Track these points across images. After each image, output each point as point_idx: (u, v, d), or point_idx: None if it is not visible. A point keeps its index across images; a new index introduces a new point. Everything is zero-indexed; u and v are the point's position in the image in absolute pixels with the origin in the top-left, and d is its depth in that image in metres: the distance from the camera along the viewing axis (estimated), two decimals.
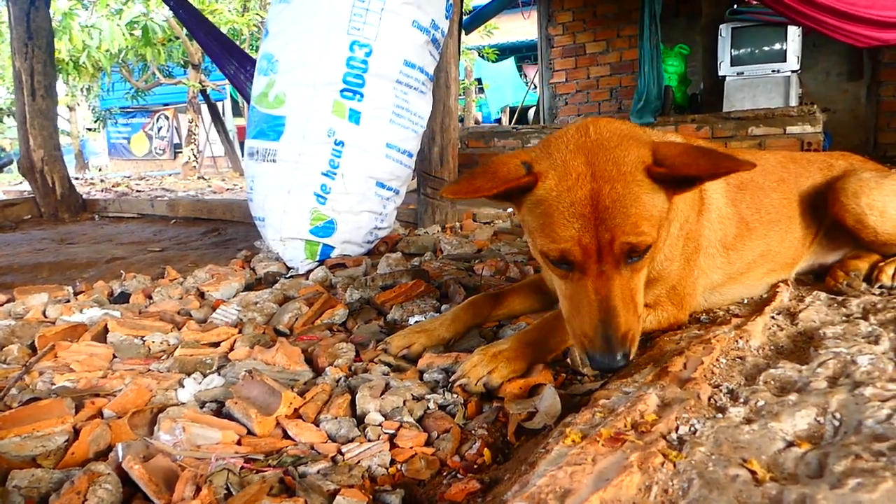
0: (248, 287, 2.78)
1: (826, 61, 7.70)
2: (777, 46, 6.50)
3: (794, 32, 6.37)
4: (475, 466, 1.20)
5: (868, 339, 1.53)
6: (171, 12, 9.30)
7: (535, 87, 10.36)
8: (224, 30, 11.16)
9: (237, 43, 11.91)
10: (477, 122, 15.55)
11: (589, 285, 1.33)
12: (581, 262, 1.32)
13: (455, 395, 1.49)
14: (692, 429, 1.12)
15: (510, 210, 4.33)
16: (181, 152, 15.89)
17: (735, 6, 6.73)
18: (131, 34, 11.83)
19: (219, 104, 16.41)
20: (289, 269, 3.02)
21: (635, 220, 1.31)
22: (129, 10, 12.20)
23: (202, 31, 5.70)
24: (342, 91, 2.93)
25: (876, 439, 1.04)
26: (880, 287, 1.98)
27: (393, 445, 1.29)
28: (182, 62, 14.16)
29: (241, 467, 1.18)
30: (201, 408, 1.49)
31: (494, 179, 1.37)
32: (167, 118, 19.60)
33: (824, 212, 2.12)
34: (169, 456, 1.21)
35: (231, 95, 16.82)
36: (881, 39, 4.63)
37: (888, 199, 1.97)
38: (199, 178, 13.16)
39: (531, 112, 11.89)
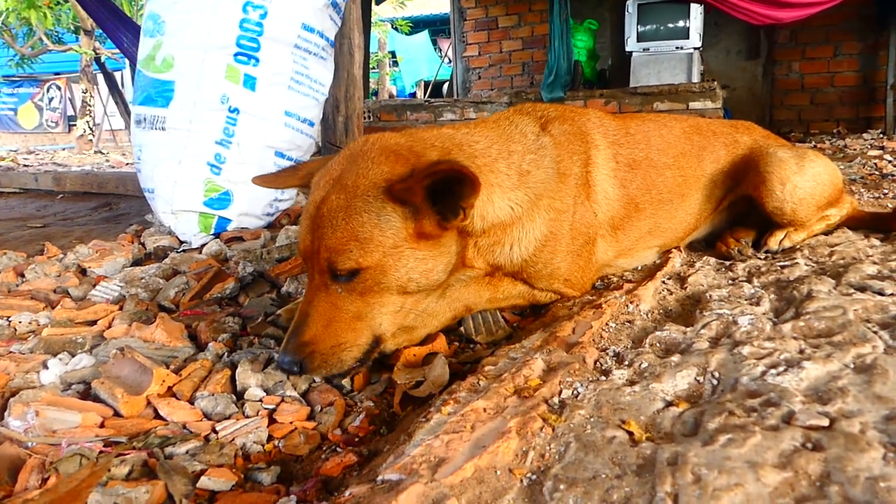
0: (136, 262, 2.61)
1: (727, 40, 7.99)
2: (680, 24, 6.68)
3: (696, 10, 6.56)
4: (356, 439, 1.15)
5: (750, 301, 1.57)
6: None
7: (450, 60, 10.29)
8: None
9: (135, 10, 11.27)
10: (391, 95, 15.36)
11: (307, 285, 1.34)
12: (304, 262, 1.34)
13: None
14: (574, 392, 1.10)
15: None
16: (75, 125, 14.93)
17: None
18: None
19: (117, 74, 15.48)
20: (181, 243, 2.86)
21: (345, 236, 1.26)
22: None
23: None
24: (236, 55, 2.78)
25: (749, 395, 1.05)
26: (766, 252, 2.05)
27: (272, 421, 1.22)
28: (73, 27, 13.23)
29: (100, 451, 1.08)
30: (65, 390, 1.37)
31: (293, 177, 1.52)
32: (59, 88, 18.33)
33: (728, 187, 2.14)
34: (18, 443, 1.10)
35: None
36: (775, 18, 4.83)
37: (808, 186, 2.01)
38: (96, 151, 12.43)
39: (445, 86, 11.83)
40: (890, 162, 4.44)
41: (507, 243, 1.56)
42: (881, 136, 6.61)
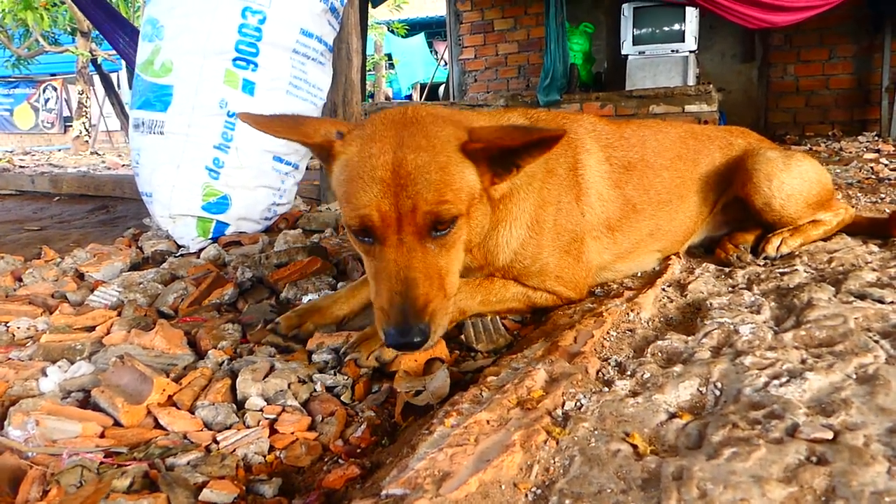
0: (134, 267, 2.60)
1: (721, 43, 8.00)
2: (676, 27, 6.70)
3: (691, 13, 6.57)
4: (358, 450, 1.15)
5: (751, 309, 1.57)
6: None
7: (446, 63, 10.29)
8: None
9: (132, 12, 11.23)
10: (387, 97, 15.35)
11: (389, 256, 1.27)
12: (380, 230, 1.27)
13: (345, 377, 1.43)
14: (578, 404, 1.10)
15: None
16: (71, 126, 14.88)
17: None
18: None
19: (113, 75, 15.44)
20: (179, 247, 2.85)
21: (438, 188, 1.27)
22: None
23: (87, 0, 5.28)
24: (234, 60, 2.77)
25: (753, 407, 1.05)
26: (765, 258, 2.05)
27: (273, 431, 1.22)
28: (69, 29, 13.19)
29: (101, 462, 1.07)
30: (65, 398, 1.37)
31: (293, 129, 1.40)
32: (55, 89, 18.28)
33: (723, 189, 2.16)
34: (18, 453, 1.09)
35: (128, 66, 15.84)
36: (769, 21, 4.85)
37: (794, 183, 2.03)
38: (92, 152, 12.39)
39: (441, 89, 11.82)
40: (886, 165, 4.45)
41: (505, 224, 1.62)
42: (876, 138, 6.63)
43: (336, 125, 1.41)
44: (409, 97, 14.80)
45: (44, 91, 18.53)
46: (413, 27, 15.97)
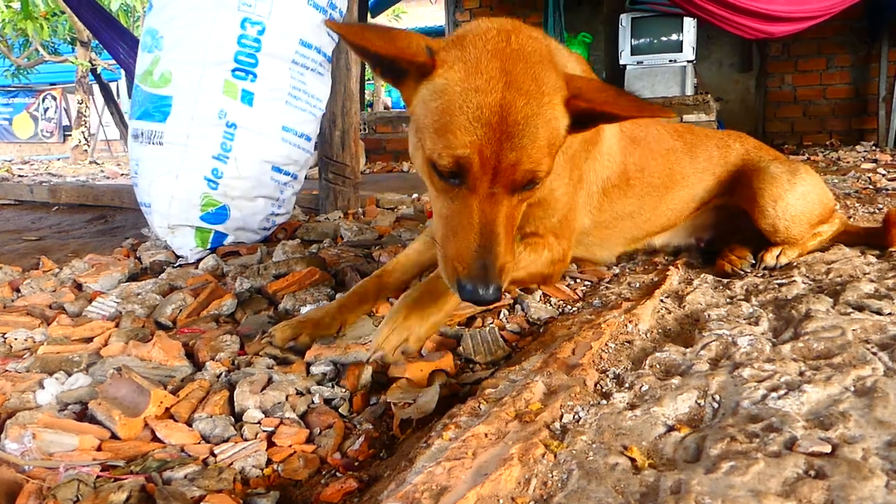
0: (132, 277, 2.60)
1: (719, 52, 8.05)
2: (674, 37, 6.73)
3: (689, 24, 6.61)
4: (356, 463, 1.15)
5: (749, 321, 1.57)
6: None
7: None
8: (115, 6, 10.52)
9: (131, 22, 11.27)
10: (386, 107, 15.38)
11: (475, 205, 1.18)
12: (474, 176, 1.17)
13: (343, 389, 1.43)
14: (576, 416, 1.10)
15: (414, 196, 4.28)
16: (71, 135, 14.91)
17: None
18: (8, 6, 10.92)
19: (112, 84, 15.47)
20: (178, 257, 2.85)
21: (542, 145, 1.19)
22: None
23: (87, 10, 5.31)
24: (234, 70, 2.78)
25: (751, 420, 1.05)
26: (764, 268, 2.06)
27: (271, 444, 1.21)
28: (69, 39, 13.23)
29: (98, 476, 1.07)
30: (62, 411, 1.36)
31: (388, 42, 1.21)
32: (54, 98, 18.32)
33: (715, 192, 2.17)
34: (15, 467, 1.09)
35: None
36: (767, 32, 4.87)
37: (799, 205, 2.04)
38: (91, 162, 12.40)
39: None
40: (884, 176, 4.47)
41: None
42: (874, 148, 6.65)
43: (424, 39, 1.27)
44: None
45: (43, 100, 18.58)
46: None
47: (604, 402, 1.16)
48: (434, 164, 1.21)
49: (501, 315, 1.80)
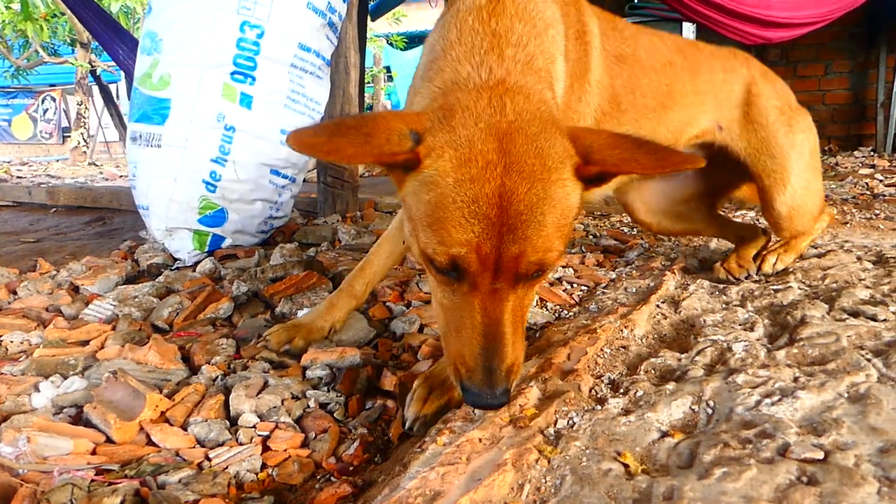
0: (130, 280, 2.60)
1: None
2: None
3: (688, 29, 6.61)
4: (351, 468, 1.15)
5: (744, 326, 1.57)
6: None
7: None
8: (116, 8, 10.52)
9: (131, 24, 11.28)
10: (386, 109, 15.38)
11: (476, 304, 1.05)
12: (474, 274, 1.04)
13: (338, 393, 1.43)
14: (570, 422, 1.10)
15: None
16: (70, 136, 14.91)
17: (635, 1, 6.93)
18: (8, 7, 10.93)
19: (112, 86, 15.49)
20: (175, 260, 2.85)
21: (551, 232, 1.05)
22: None
23: (87, 11, 5.30)
24: (232, 74, 2.78)
25: (744, 426, 1.05)
26: (761, 274, 2.06)
27: (266, 448, 1.21)
28: (69, 40, 13.24)
29: (92, 480, 1.07)
30: (57, 414, 1.36)
31: (363, 144, 1.01)
32: (54, 100, 18.33)
33: (712, 119, 2.03)
34: (9, 470, 1.09)
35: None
36: (765, 38, 4.87)
37: (806, 197, 2.03)
38: (90, 163, 12.40)
39: None
40: (881, 181, 4.48)
41: None
42: (872, 153, 6.67)
43: (405, 121, 1.08)
44: None
45: (42, 102, 18.59)
46: (412, 40, 16.03)
47: (598, 407, 1.16)
48: (430, 259, 1.09)
49: None
